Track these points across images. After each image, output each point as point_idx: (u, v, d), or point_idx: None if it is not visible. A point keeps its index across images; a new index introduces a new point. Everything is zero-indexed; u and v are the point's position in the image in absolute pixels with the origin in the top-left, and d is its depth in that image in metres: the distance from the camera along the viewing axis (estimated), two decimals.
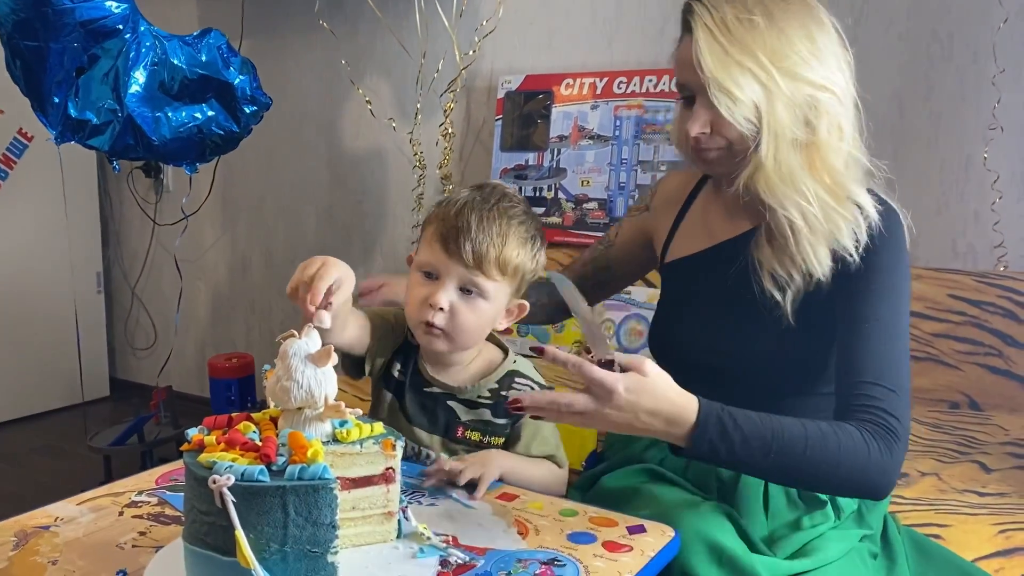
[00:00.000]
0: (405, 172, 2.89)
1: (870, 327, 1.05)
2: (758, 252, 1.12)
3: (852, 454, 0.97)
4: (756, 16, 1.04)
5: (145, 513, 1.01)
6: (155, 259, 3.61)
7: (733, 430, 0.94)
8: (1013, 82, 2.00)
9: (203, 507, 0.77)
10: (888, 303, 1.06)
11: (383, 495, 0.88)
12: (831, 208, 1.05)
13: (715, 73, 1.03)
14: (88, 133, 2.17)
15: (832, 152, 1.06)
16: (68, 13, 1.99)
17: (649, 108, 2.39)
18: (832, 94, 1.05)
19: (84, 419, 3.17)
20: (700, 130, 1.08)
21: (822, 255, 1.06)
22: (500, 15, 2.57)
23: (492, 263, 1.09)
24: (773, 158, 1.05)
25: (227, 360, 2.96)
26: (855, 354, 1.05)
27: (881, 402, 1.01)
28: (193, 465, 0.79)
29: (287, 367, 0.81)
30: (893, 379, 1.03)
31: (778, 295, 1.09)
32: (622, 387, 0.91)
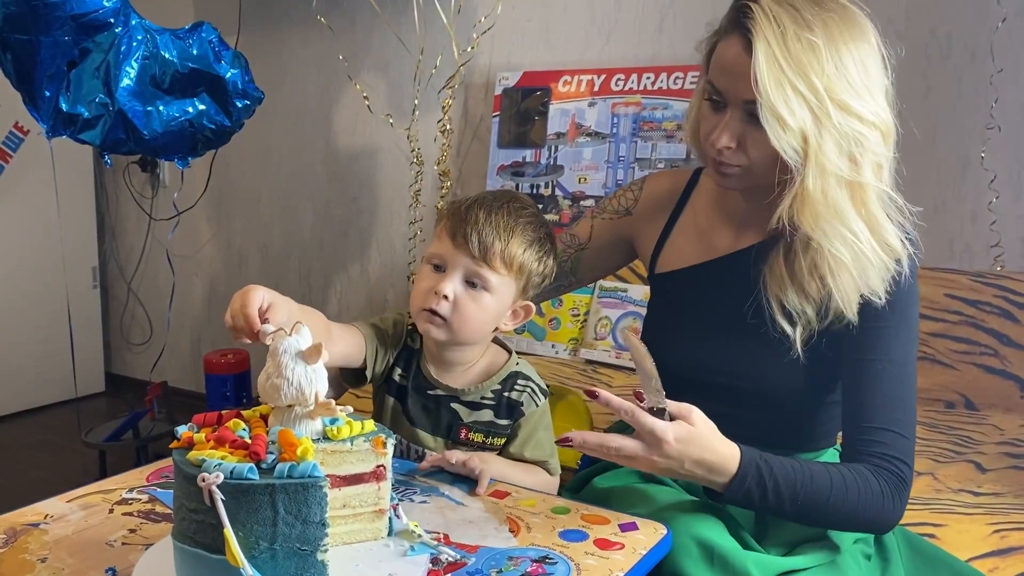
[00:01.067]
0: (402, 168, 2.88)
1: (882, 368, 1.05)
2: (770, 276, 1.07)
3: (868, 501, 1.00)
4: (816, 37, 0.97)
5: (135, 510, 1.01)
6: (151, 254, 3.60)
7: (768, 478, 0.98)
8: (1011, 82, 1.99)
9: (192, 505, 0.77)
10: (902, 344, 1.06)
11: (374, 493, 0.88)
12: (875, 251, 1.02)
13: (771, 94, 0.96)
14: (80, 127, 2.16)
15: (874, 193, 1.02)
16: (59, 7, 1.98)
17: (646, 105, 2.38)
18: (879, 132, 1.01)
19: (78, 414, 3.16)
20: (727, 143, 1.02)
21: (854, 297, 1.03)
22: (499, 12, 2.57)
23: (497, 256, 1.10)
24: (821, 192, 0.99)
25: (223, 356, 2.95)
26: (866, 396, 1.05)
27: (894, 449, 1.02)
28: (182, 463, 0.78)
29: (277, 364, 0.81)
30: (904, 423, 1.04)
31: (788, 328, 1.06)
32: (672, 436, 0.94)
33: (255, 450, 0.78)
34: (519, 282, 1.14)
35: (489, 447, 1.16)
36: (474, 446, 1.16)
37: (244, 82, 2.32)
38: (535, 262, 1.14)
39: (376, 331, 1.19)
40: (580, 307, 2.35)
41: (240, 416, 0.87)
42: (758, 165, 1.03)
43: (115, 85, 2.12)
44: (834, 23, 0.99)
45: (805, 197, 0.99)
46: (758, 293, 1.08)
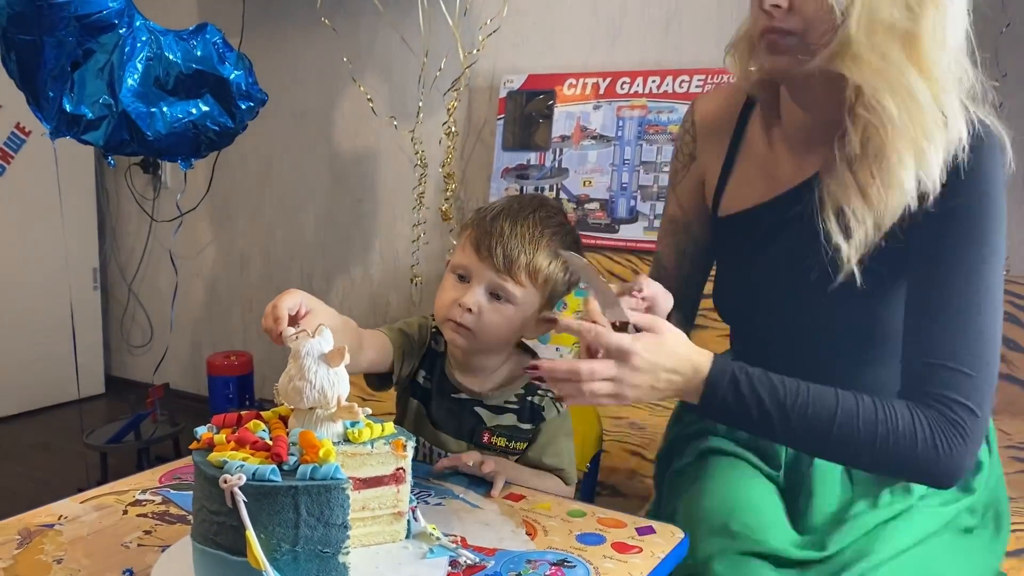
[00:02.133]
0: (406, 171, 2.88)
1: (945, 278, 0.90)
2: (831, 180, 0.95)
3: (895, 442, 0.87)
4: None
5: (149, 512, 1.00)
6: (152, 256, 3.59)
7: (747, 389, 0.89)
8: (1016, 87, 2.00)
9: (213, 507, 0.76)
10: (968, 266, 0.90)
11: (393, 495, 0.88)
12: (930, 112, 0.88)
13: None
14: (83, 128, 2.16)
15: (936, 50, 0.89)
16: (63, 7, 1.98)
17: (652, 109, 2.38)
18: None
19: (80, 416, 3.15)
20: (775, 1, 0.91)
21: (911, 165, 0.89)
22: (504, 14, 2.57)
23: (522, 269, 1.10)
24: (866, 34, 0.88)
25: (226, 358, 2.95)
26: (923, 327, 0.91)
27: (951, 388, 0.88)
28: (203, 464, 0.78)
29: (300, 367, 0.80)
30: (972, 358, 0.88)
31: (841, 240, 0.93)
32: (640, 347, 0.88)
33: (277, 451, 0.77)
34: (544, 292, 1.13)
35: (511, 451, 1.17)
36: (497, 450, 1.16)
37: (248, 83, 2.31)
38: (560, 272, 1.13)
39: (403, 337, 1.19)
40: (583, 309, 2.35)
41: (260, 417, 0.86)
42: (814, 27, 0.90)
43: (119, 86, 2.12)
44: None
45: (848, 40, 0.88)
46: (820, 213, 0.96)
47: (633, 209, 2.41)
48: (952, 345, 0.88)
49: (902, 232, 0.93)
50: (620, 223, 2.43)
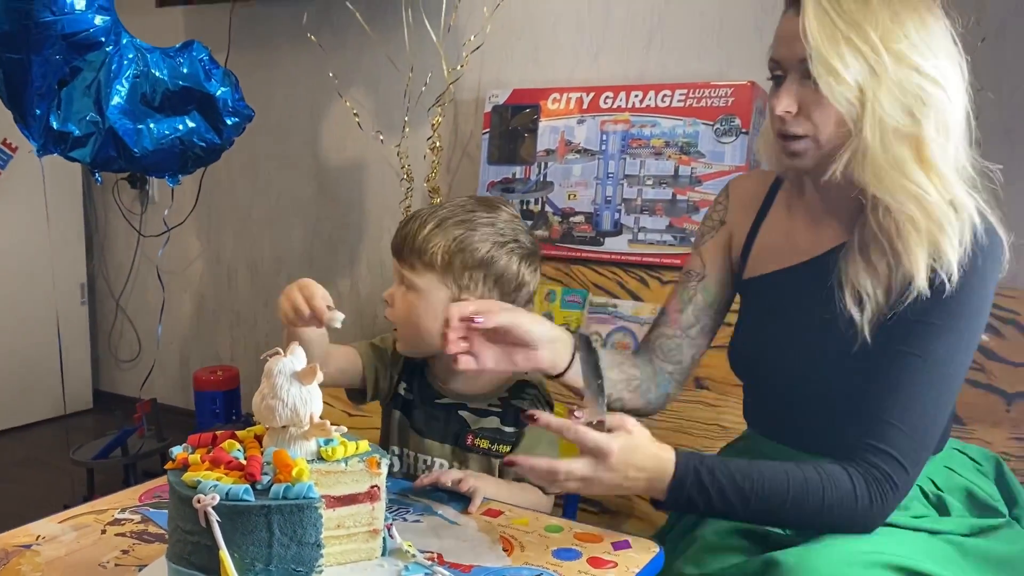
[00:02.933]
0: (392, 184, 2.89)
1: (914, 362, 0.97)
2: (846, 264, 1.02)
3: (837, 504, 0.95)
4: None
5: (128, 531, 1.01)
6: (140, 270, 3.59)
7: (710, 482, 0.94)
8: (991, 101, 2.02)
9: (187, 526, 0.77)
10: (946, 342, 0.97)
11: (368, 513, 0.88)
12: (941, 208, 0.95)
13: (820, 45, 0.94)
14: (70, 145, 2.17)
15: (940, 150, 0.96)
16: (51, 26, 1.99)
17: (635, 123, 2.40)
18: (942, 90, 0.96)
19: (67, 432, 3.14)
20: (786, 108, 0.99)
21: (923, 260, 0.96)
22: (487, 30, 2.59)
23: (413, 254, 1.13)
24: (880, 143, 0.95)
25: (212, 373, 2.94)
26: (886, 385, 0.98)
27: (889, 444, 0.95)
28: (177, 484, 0.79)
29: (272, 385, 0.81)
30: (914, 422, 0.96)
31: (856, 313, 1.01)
32: (616, 447, 0.92)
33: (250, 471, 0.78)
34: (446, 277, 1.13)
35: (495, 454, 1.18)
36: (480, 452, 1.18)
37: (234, 100, 2.33)
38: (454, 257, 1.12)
39: (375, 351, 1.20)
40: (571, 323, 2.36)
41: (235, 437, 0.87)
42: (824, 131, 0.98)
43: (106, 103, 2.13)
44: None
45: (864, 149, 0.96)
46: (833, 287, 1.03)
47: (617, 222, 2.42)
48: (904, 408, 0.96)
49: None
50: (605, 236, 2.44)
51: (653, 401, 1.21)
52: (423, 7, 2.64)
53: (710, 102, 2.30)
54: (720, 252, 1.22)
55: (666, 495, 0.95)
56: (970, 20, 1.02)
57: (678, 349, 1.21)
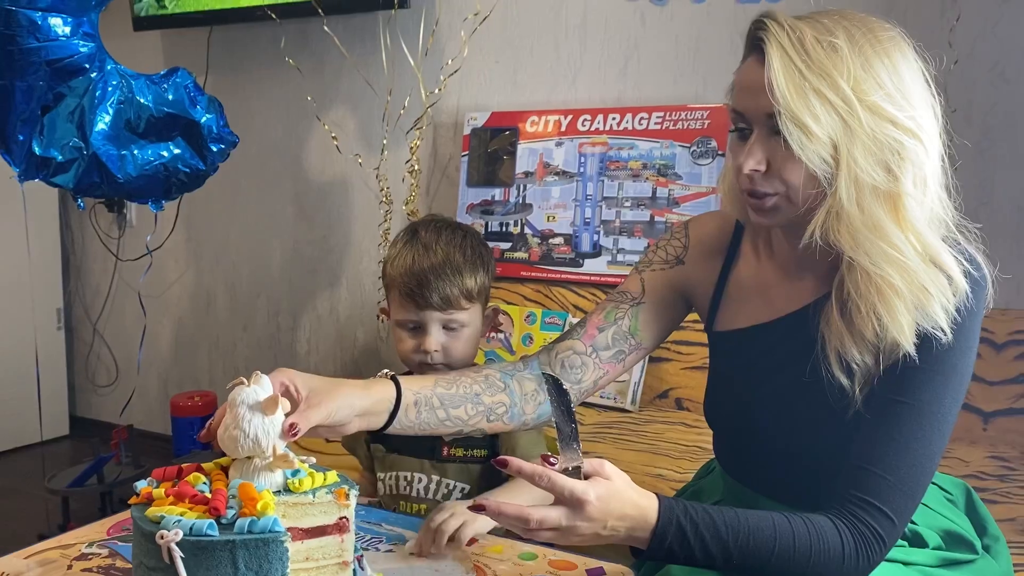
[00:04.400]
0: (371, 207, 2.88)
1: (901, 409, 0.92)
2: (826, 327, 0.96)
3: (823, 559, 0.89)
4: (839, 40, 0.89)
5: (95, 566, 0.99)
6: (117, 294, 3.56)
7: (692, 534, 0.88)
8: (964, 122, 2.05)
9: (151, 562, 0.76)
10: (933, 390, 0.92)
11: (337, 545, 0.87)
12: (927, 272, 0.90)
13: (789, 100, 0.88)
14: (53, 171, 2.16)
15: (917, 206, 0.90)
16: (35, 52, 1.99)
17: (613, 145, 2.41)
18: (918, 141, 0.90)
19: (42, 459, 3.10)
20: (754, 167, 0.92)
21: (908, 325, 0.90)
22: (465, 54, 2.60)
23: (461, 299, 1.21)
24: (856, 204, 0.89)
25: (189, 399, 2.92)
26: (870, 434, 0.93)
27: (876, 495, 0.90)
28: (141, 520, 0.77)
29: (234, 416, 0.80)
30: (903, 473, 0.90)
31: (845, 381, 0.94)
32: (593, 495, 0.86)
33: (215, 505, 0.77)
34: (482, 300, 1.26)
35: (473, 459, 1.21)
36: (457, 460, 1.21)
37: (219, 126, 2.33)
38: (484, 276, 1.25)
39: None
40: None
41: (200, 469, 0.86)
42: (794, 189, 0.92)
43: (90, 129, 2.12)
44: (857, 30, 0.91)
45: (839, 210, 0.89)
46: (817, 352, 0.97)
47: (596, 244, 2.43)
48: (891, 457, 0.91)
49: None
50: (584, 257, 2.45)
51: (531, 423, 1.12)
52: (401, 31, 2.65)
53: (687, 124, 2.32)
54: (668, 289, 1.14)
55: (646, 545, 0.89)
56: (943, 62, 0.97)
57: (581, 368, 1.12)
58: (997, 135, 2.05)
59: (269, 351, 3.23)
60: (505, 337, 2.40)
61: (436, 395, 1.04)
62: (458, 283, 1.20)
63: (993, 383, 1.92)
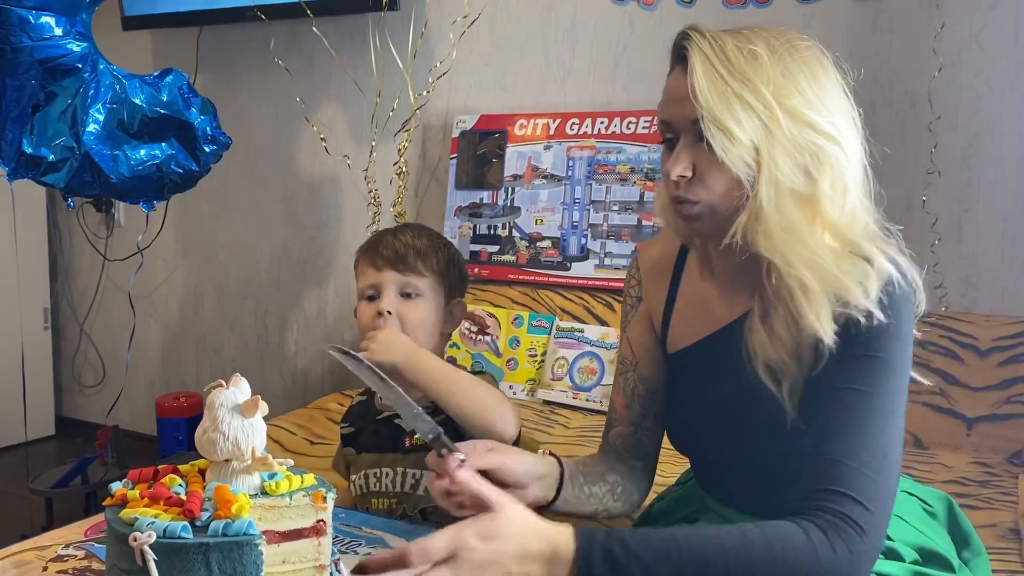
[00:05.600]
0: (360, 208, 2.88)
1: (852, 397, 0.91)
2: (751, 337, 0.96)
3: (796, 561, 0.83)
4: (759, 48, 0.92)
5: (71, 568, 0.98)
6: (105, 295, 3.54)
7: (623, 556, 0.81)
8: (949, 129, 2.06)
9: (124, 565, 0.75)
10: (874, 376, 0.91)
11: (314, 548, 0.87)
12: (836, 263, 0.91)
13: (712, 105, 0.90)
14: (43, 170, 2.15)
15: (835, 208, 0.92)
16: (26, 50, 1.98)
17: (601, 149, 2.42)
18: (838, 146, 0.92)
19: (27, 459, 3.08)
20: (681, 172, 0.93)
21: (826, 318, 0.90)
22: (454, 56, 2.60)
23: (419, 263, 1.22)
24: (775, 207, 0.90)
25: (175, 400, 2.90)
26: (827, 427, 0.90)
27: (848, 486, 0.86)
28: (114, 521, 0.77)
29: (213, 418, 0.80)
30: (867, 457, 0.87)
31: (773, 388, 0.95)
32: (472, 538, 0.80)
33: (189, 507, 0.77)
34: (444, 284, 1.24)
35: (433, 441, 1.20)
36: (420, 449, 1.19)
37: (213, 128, 2.33)
38: (449, 265, 1.25)
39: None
40: (537, 348, 2.36)
41: (177, 471, 0.85)
42: (719, 195, 0.93)
43: (82, 129, 2.11)
44: (776, 40, 0.94)
45: (759, 212, 0.91)
46: (750, 362, 0.97)
47: (584, 247, 2.43)
48: (851, 443, 0.88)
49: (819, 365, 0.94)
50: (572, 261, 2.45)
51: (637, 501, 1.16)
52: (390, 32, 2.65)
53: None
54: (645, 333, 1.14)
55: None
56: (860, 73, 0.99)
57: (639, 445, 1.15)
58: (981, 142, 2.06)
59: (256, 352, 3.22)
60: (492, 340, 2.40)
61: (580, 471, 1.10)
62: (418, 253, 1.22)
63: (976, 389, 1.93)
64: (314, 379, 3.10)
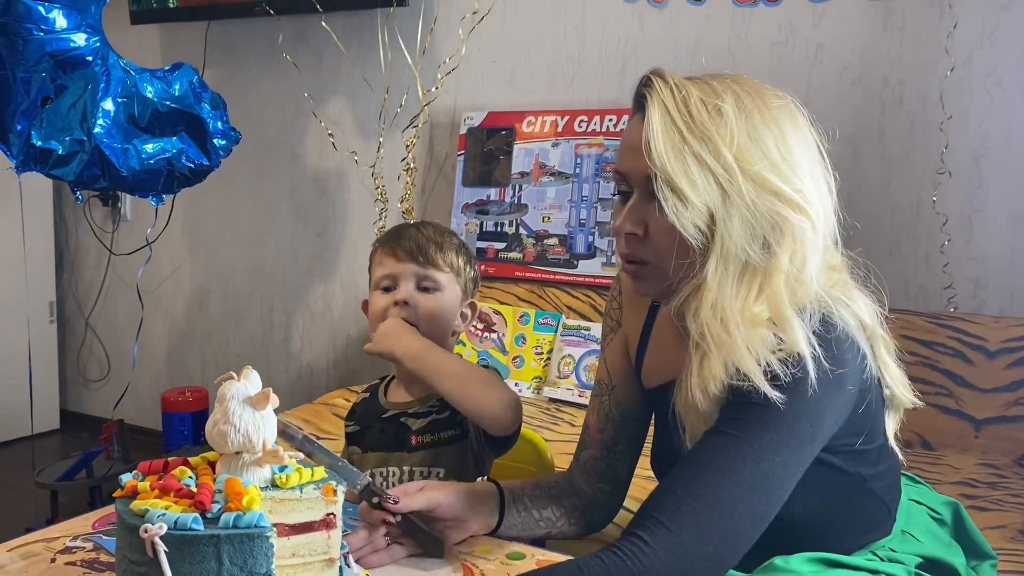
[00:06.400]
0: (367, 205, 2.88)
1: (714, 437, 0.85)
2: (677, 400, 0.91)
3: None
4: (726, 104, 0.85)
5: (79, 560, 0.98)
6: (110, 289, 3.55)
7: None
8: (959, 129, 2.05)
9: (135, 556, 0.75)
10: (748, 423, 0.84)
11: (324, 541, 0.86)
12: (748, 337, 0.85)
13: (667, 163, 0.83)
14: (53, 163, 2.15)
15: (789, 280, 0.86)
16: (37, 43, 1.99)
17: (609, 147, 2.41)
18: (804, 216, 0.86)
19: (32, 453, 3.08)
20: (630, 230, 0.88)
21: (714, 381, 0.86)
22: (463, 53, 2.59)
23: (439, 257, 1.21)
24: (718, 284, 0.85)
25: (181, 394, 2.90)
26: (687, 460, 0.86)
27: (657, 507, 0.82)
28: (125, 513, 0.77)
29: (224, 410, 0.80)
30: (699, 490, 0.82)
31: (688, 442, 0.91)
32: None
33: (200, 499, 0.76)
34: (460, 282, 1.24)
35: (443, 442, 1.20)
36: (427, 447, 1.19)
37: (224, 122, 2.33)
38: (466, 264, 1.25)
39: None
40: (544, 345, 2.35)
41: (187, 464, 0.85)
42: (668, 260, 0.87)
43: (92, 122, 2.11)
44: (747, 95, 0.87)
45: (700, 287, 0.85)
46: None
47: (591, 245, 2.43)
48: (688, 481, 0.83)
49: None
50: (579, 259, 2.44)
51: (598, 524, 1.13)
52: (399, 28, 2.65)
53: None
54: (621, 359, 1.10)
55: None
56: (836, 134, 0.91)
57: (609, 469, 1.11)
58: (992, 143, 2.05)
59: (262, 348, 3.22)
60: (498, 337, 2.40)
61: (526, 494, 1.07)
62: (439, 248, 1.22)
63: (985, 391, 1.92)
64: (319, 375, 3.10)
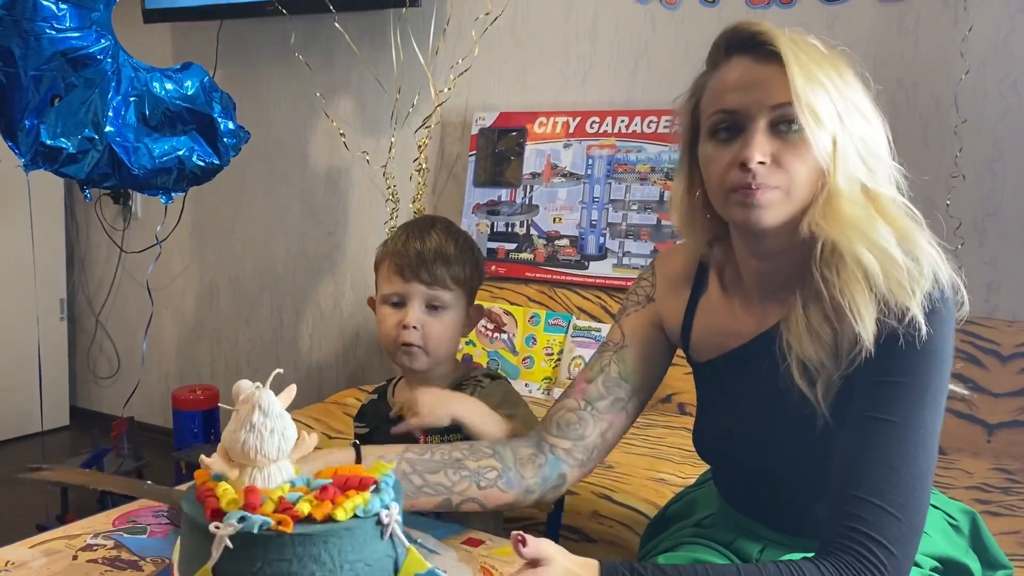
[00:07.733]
0: (378, 205, 2.88)
1: (884, 428, 0.88)
2: (788, 334, 0.95)
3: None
4: (818, 44, 0.95)
5: (100, 557, 0.98)
6: (121, 286, 3.56)
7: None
8: (974, 132, 2.05)
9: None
10: (905, 406, 0.88)
11: None
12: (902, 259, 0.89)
13: (806, 90, 0.89)
14: (63, 161, 2.15)
15: (891, 203, 0.93)
16: (48, 41, 1.99)
17: (620, 148, 2.41)
18: (886, 144, 0.95)
19: (42, 449, 3.10)
20: (761, 158, 0.91)
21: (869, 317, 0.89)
22: (475, 54, 2.60)
23: (446, 278, 1.23)
24: (848, 193, 0.91)
25: (191, 392, 2.91)
26: (857, 459, 0.89)
27: (872, 527, 0.85)
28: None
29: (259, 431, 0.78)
30: (895, 497, 0.86)
31: (807, 389, 0.94)
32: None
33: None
34: (466, 291, 1.26)
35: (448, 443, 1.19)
36: None
37: (234, 122, 2.34)
38: (473, 271, 1.27)
39: None
40: (554, 346, 2.36)
41: None
42: (798, 183, 0.92)
43: (103, 120, 2.12)
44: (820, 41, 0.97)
45: (832, 197, 0.91)
46: (781, 366, 0.96)
47: (603, 246, 2.43)
48: (879, 481, 0.87)
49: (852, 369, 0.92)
50: (590, 260, 2.45)
51: (536, 489, 1.09)
52: (411, 29, 2.65)
53: None
54: (646, 327, 1.13)
55: None
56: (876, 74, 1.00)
57: (579, 424, 1.10)
58: (1007, 146, 2.05)
59: (272, 346, 3.23)
60: (508, 338, 2.40)
61: (406, 459, 1.02)
62: (446, 264, 1.23)
63: (998, 395, 1.92)
64: (329, 374, 3.11)
